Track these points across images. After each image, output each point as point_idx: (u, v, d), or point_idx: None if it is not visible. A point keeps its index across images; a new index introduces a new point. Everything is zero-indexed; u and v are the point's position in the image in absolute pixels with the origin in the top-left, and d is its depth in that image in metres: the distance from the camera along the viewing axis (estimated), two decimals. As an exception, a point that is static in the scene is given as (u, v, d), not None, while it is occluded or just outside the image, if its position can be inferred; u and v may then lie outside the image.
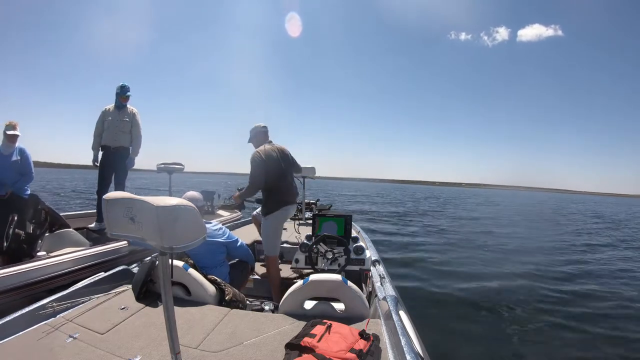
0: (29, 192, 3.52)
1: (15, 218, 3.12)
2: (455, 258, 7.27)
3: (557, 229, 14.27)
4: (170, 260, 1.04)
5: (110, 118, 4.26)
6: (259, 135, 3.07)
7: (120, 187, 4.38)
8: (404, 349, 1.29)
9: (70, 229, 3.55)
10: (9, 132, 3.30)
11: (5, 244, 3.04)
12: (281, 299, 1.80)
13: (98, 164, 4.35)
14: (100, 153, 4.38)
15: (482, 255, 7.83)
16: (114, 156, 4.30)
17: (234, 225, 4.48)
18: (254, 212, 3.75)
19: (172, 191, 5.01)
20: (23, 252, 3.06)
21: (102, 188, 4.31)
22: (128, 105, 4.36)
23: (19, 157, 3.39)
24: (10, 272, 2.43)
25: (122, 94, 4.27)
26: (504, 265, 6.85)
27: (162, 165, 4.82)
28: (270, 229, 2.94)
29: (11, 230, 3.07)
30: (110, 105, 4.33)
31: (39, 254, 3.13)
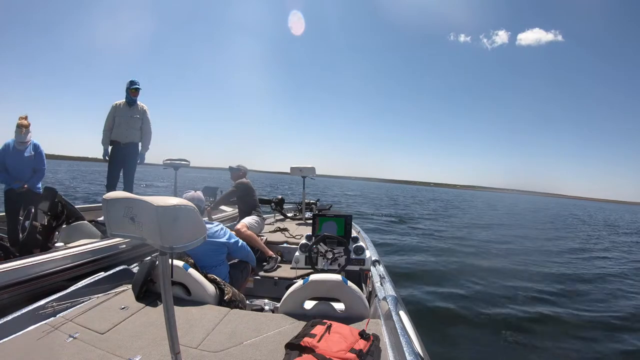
0: (40, 186, 3.54)
1: (32, 211, 3.18)
2: (455, 260, 7.27)
3: (558, 234, 14.26)
4: (170, 260, 1.04)
5: (121, 114, 4.30)
6: (241, 174, 4.23)
7: (129, 182, 4.43)
8: (404, 349, 1.28)
9: (85, 221, 3.60)
10: (22, 131, 3.28)
11: (21, 236, 3.10)
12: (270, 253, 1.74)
13: (108, 159, 4.39)
14: (110, 148, 4.42)
15: (482, 257, 7.82)
16: (124, 152, 4.34)
17: (234, 225, 4.49)
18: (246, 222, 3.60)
19: (175, 186, 5.05)
20: (38, 243, 3.11)
21: (112, 183, 4.36)
22: (138, 102, 4.40)
23: (33, 153, 3.40)
24: (29, 263, 2.49)
25: (132, 87, 4.28)
26: (506, 267, 6.84)
27: (169, 161, 4.87)
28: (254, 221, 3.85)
29: (27, 223, 3.12)
30: (121, 101, 4.35)
31: (56, 245, 3.19)
